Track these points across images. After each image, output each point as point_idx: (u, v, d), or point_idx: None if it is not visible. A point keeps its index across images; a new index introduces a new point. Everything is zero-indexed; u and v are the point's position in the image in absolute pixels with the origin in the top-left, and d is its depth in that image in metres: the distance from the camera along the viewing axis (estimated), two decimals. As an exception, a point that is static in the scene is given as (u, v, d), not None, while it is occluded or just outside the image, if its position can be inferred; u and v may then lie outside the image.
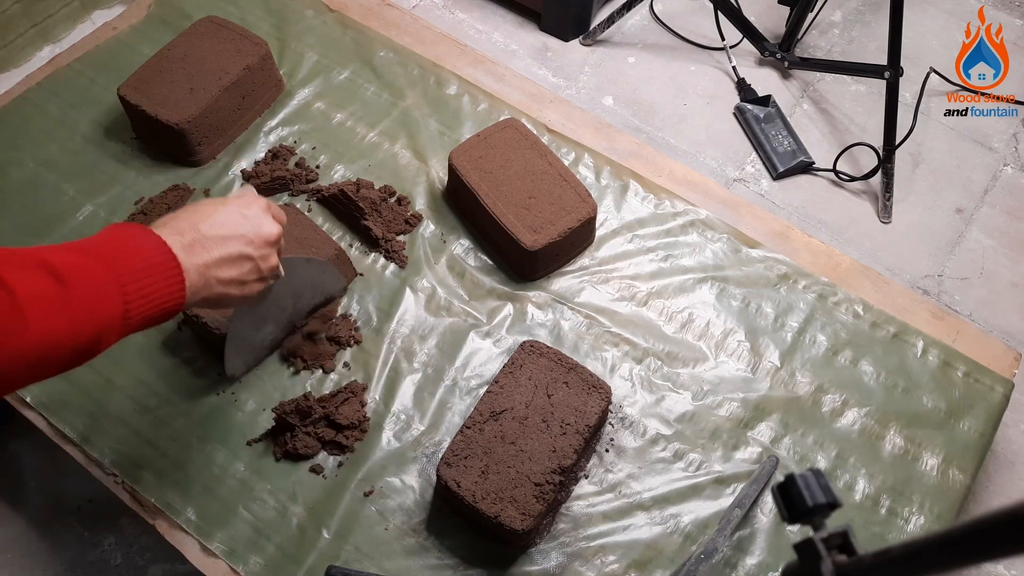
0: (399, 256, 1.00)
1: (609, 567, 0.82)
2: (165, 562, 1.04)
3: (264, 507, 0.84)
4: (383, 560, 0.82)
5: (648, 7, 1.67)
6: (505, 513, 0.76)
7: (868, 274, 1.02)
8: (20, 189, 1.04)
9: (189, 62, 1.05)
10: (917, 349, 0.97)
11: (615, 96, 1.53)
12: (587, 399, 0.83)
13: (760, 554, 0.83)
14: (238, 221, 0.66)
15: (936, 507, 0.87)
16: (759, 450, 0.89)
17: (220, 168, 1.07)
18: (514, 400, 0.83)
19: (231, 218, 0.65)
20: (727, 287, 1.00)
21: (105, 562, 1.05)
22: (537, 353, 0.86)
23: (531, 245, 0.93)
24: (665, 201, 1.06)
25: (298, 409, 0.86)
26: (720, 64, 1.58)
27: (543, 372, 0.85)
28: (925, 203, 1.41)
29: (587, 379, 0.85)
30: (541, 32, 1.62)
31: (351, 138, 1.10)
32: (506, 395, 0.83)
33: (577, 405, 0.83)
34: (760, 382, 0.93)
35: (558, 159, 1.00)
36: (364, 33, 1.21)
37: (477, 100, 1.14)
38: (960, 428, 0.92)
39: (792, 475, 0.48)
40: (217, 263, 0.63)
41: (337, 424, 0.86)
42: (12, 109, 1.11)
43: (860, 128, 1.49)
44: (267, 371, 0.92)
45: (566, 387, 0.84)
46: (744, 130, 1.49)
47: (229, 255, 0.64)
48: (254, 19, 1.21)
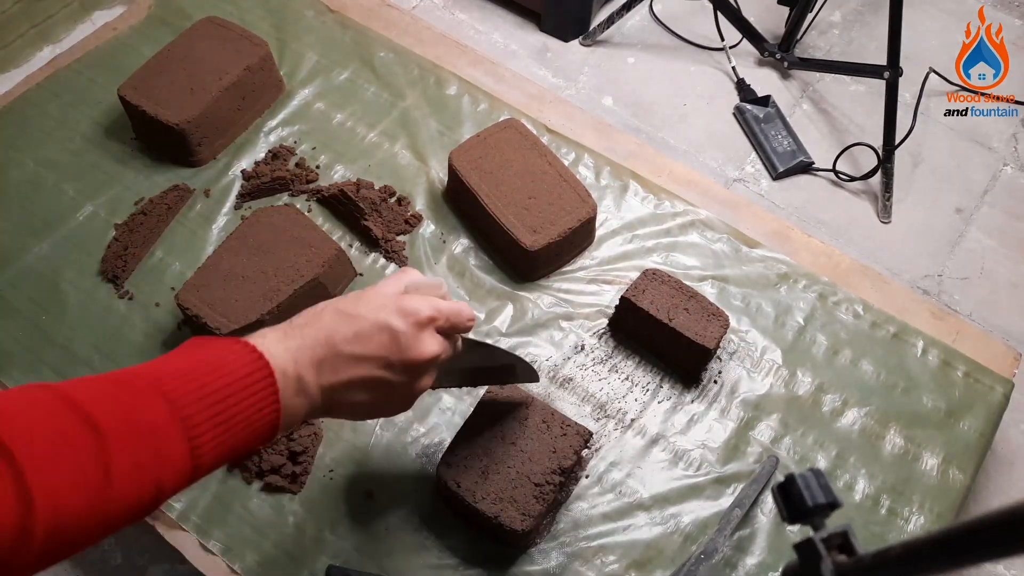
0: (399, 256, 1.00)
1: (609, 567, 0.82)
2: (164, 562, 1.04)
3: (261, 505, 0.84)
4: (383, 560, 0.82)
5: (648, 7, 1.67)
6: (505, 513, 0.76)
7: (868, 274, 1.02)
8: (20, 189, 1.04)
9: (189, 62, 1.05)
10: (917, 349, 0.97)
11: (615, 96, 1.53)
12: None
13: (760, 554, 0.83)
14: (383, 340, 0.54)
15: (936, 507, 0.87)
16: (759, 450, 0.89)
17: (220, 168, 1.07)
18: (514, 400, 0.83)
19: (376, 335, 0.53)
20: (727, 287, 1.00)
21: (105, 562, 1.05)
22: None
23: (531, 245, 0.93)
24: (665, 201, 1.06)
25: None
26: (720, 64, 1.58)
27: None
28: (925, 203, 1.41)
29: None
30: (541, 32, 1.62)
31: (351, 138, 1.10)
32: (506, 395, 0.83)
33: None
34: (760, 382, 0.93)
35: (558, 159, 1.00)
36: (364, 33, 1.21)
37: (477, 100, 1.14)
38: (960, 428, 0.92)
39: (792, 475, 0.48)
40: (345, 386, 0.53)
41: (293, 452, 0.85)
42: (12, 109, 1.11)
43: (860, 128, 1.49)
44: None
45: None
46: (744, 130, 1.49)
47: (361, 378, 0.53)
48: (254, 19, 1.21)
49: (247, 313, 0.86)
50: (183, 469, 0.44)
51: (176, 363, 0.47)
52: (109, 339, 0.93)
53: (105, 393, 0.43)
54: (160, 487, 0.43)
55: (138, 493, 0.42)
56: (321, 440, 0.87)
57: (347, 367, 0.52)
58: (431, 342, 0.56)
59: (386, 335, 0.54)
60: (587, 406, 0.91)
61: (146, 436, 0.42)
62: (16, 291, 0.97)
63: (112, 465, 0.40)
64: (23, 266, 0.98)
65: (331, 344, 0.52)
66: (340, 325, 0.53)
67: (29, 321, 0.94)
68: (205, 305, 0.87)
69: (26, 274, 0.98)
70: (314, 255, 0.91)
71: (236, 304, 0.87)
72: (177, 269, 0.99)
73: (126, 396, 0.43)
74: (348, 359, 0.52)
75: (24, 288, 0.97)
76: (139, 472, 0.42)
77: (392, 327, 0.54)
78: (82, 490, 0.39)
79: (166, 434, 0.43)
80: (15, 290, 0.97)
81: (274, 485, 0.84)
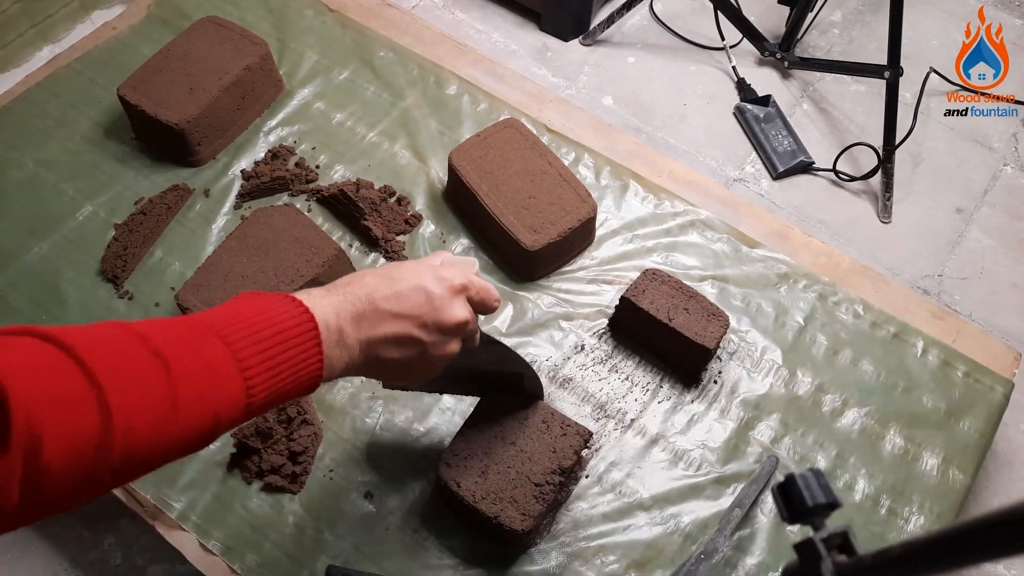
0: (399, 256, 1.00)
1: (609, 567, 0.82)
2: (165, 562, 1.04)
3: (261, 505, 0.84)
4: (383, 560, 0.82)
5: (648, 7, 1.67)
6: (505, 513, 0.76)
7: (868, 274, 1.02)
8: (20, 189, 1.04)
9: (189, 62, 1.05)
10: (917, 349, 0.97)
11: (615, 96, 1.53)
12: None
13: (760, 554, 0.83)
14: (419, 299, 0.58)
15: (936, 507, 0.87)
16: (759, 450, 0.89)
17: (220, 168, 1.07)
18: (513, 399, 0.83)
19: (413, 295, 0.58)
20: (727, 287, 1.00)
21: (105, 562, 1.04)
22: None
23: (531, 245, 0.93)
24: (665, 201, 1.06)
25: (258, 431, 0.84)
26: (720, 64, 1.58)
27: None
28: (925, 203, 1.41)
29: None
30: (541, 32, 1.62)
31: (351, 138, 1.10)
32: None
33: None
34: (760, 382, 0.93)
35: (558, 159, 1.00)
36: (364, 33, 1.21)
37: (477, 100, 1.14)
38: (960, 428, 0.92)
39: (792, 475, 0.48)
40: (383, 341, 0.57)
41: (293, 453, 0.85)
42: (12, 109, 1.11)
43: (860, 128, 1.49)
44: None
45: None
46: (744, 130, 1.49)
47: (396, 334, 0.57)
48: (254, 19, 1.21)
49: (247, 313, 0.86)
50: (238, 405, 0.48)
51: (230, 310, 0.51)
52: (109, 339, 0.93)
53: (171, 332, 0.47)
54: (218, 420, 0.47)
55: (199, 422, 0.46)
56: (321, 440, 0.87)
57: (385, 322, 0.56)
58: (462, 308, 0.60)
59: (422, 295, 0.58)
60: (587, 406, 0.91)
61: (207, 371, 0.47)
62: (16, 291, 0.97)
63: (178, 394, 0.44)
64: (23, 266, 0.98)
65: (371, 300, 0.56)
66: (380, 284, 0.57)
67: (29, 321, 0.94)
68: (205, 305, 0.87)
69: (26, 274, 0.98)
70: (314, 255, 0.91)
71: (236, 304, 0.87)
72: (177, 269, 0.99)
73: (189, 335, 0.47)
74: (386, 315, 0.56)
75: (24, 288, 0.97)
76: (201, 403, 0.46)
77: (428, 289, 0.58)
78: (152, 414, 0.43)
79: (224, 371, 0.47)
80: (15, 290, 0.97)
81: (274, 485, 0.84)
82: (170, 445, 0.45)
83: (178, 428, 0.45)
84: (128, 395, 0.42)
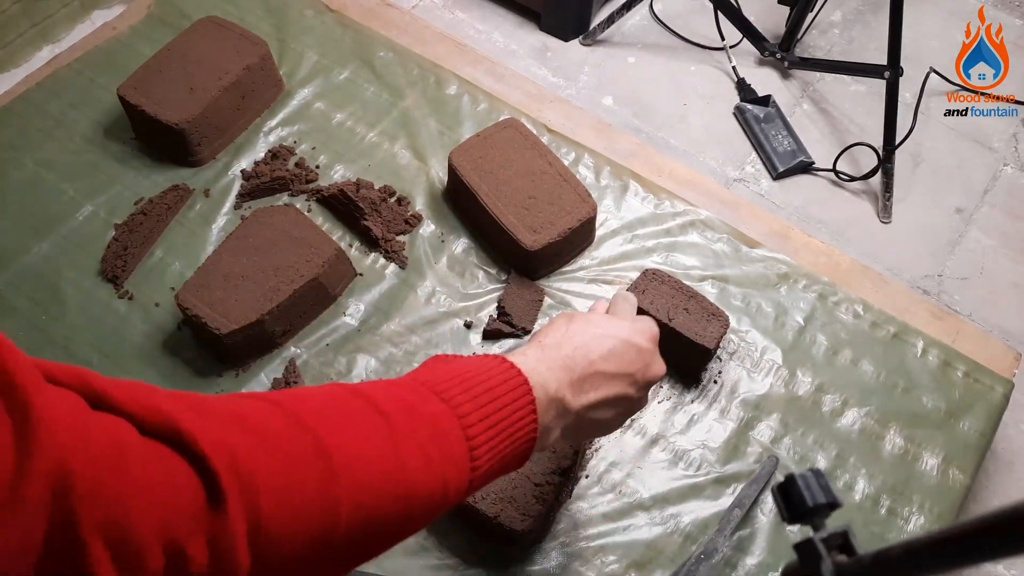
0: (399, 256, 1.00)
1: (609, 567, 0.82)
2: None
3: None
4: (383, 560, 0.81)
5: (648, 7, 1.67)
6: (505, 513, 0.76)
7: (868, 274, 1.02)
8: (19, 189, 1.04)
9: (189, 62, 1.05)
10: (917, 349, 0.97)
11: (615, 96, 1.53)
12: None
13: (760, 554, 0.83)
14: (632, 356, 0.56)
15: (936, 507, 0.87)
16: (759, 450, 0.89)
17: (220, 168, 1.07)
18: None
19: (627, 352, 0.55)
20: (727, 287, 1.00)
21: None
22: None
23: (531, 245, 0.93)
24: (665, 201, 1.06)
25: None
26: (720, 64, 1.58)
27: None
28: (925, 203, 1.41)
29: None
30: (541, 32, 1.62)
31: (351, 138, 1.10)
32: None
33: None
34: (760, 382, 0.93)
35: (558, 159, 1.00)
36: (364, 33, 1.21)
37: (477, 100, 1.14)
38: (960, 428, 0.92)
39: (792, 475, 0.48)
40: (598, 404, 0.54)
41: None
42: (12, 109, 1.11)
43: (860, 128, 1.49)
44: (265, 370, 0.92)
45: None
46: (744, 130, 1.49)
47: (612, 396, 0.55)
48: (254, 19, 1.21)
49: (247, 313, 0.86)
50: (463, 467, 0.44)
51: (434, 371, 0.47)
52: (109, 339, 0.93)
53: (382, 388, 0.44)
54: (447, 485, 0.43)
55: (427, 483, 0.42)
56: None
57: (603, 384, 0.54)
58: (661, 359, 0.59)
59: (633, 351, 0.56)
60: (587, 406, 0.91)
61: (430, 427, 0.43)
62: (16, 291, 0.97)
63: (402, 449, 0.41)
64: (23, 266, 0.98)
65: (590, 363, 0.53)
66: (593, 343, 0.54)
67: (29, 321, 0.94)
68: (205, 305, 0.87)
69: (26, 274, 0.98)
70: (314, 255, 0.91)
71: (236, 304, 0.87)
72: (177, 269, 0.99)
73: (404, 392, 0.44)
74: (604, 377, 0.54)
75: (24, 288, 0.97)
76: (428, 462, 0.42)
77: (639, 345, 0.56)
78: (377, 465, 0.40)
79: (447, 427, 0.44)
80: (15, 290, 0.97)
81: None
82: (403, 507, 0.40)
83: (406, 486, 0.40)
84: (350, 445, 0.39)
